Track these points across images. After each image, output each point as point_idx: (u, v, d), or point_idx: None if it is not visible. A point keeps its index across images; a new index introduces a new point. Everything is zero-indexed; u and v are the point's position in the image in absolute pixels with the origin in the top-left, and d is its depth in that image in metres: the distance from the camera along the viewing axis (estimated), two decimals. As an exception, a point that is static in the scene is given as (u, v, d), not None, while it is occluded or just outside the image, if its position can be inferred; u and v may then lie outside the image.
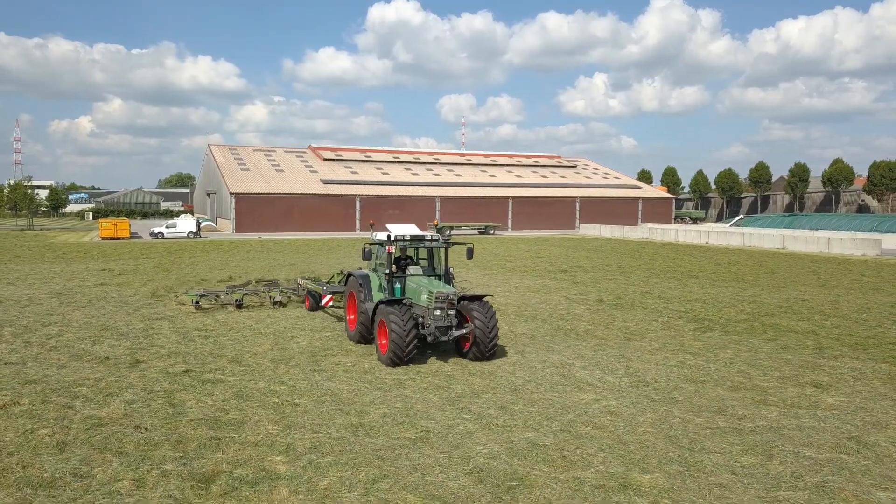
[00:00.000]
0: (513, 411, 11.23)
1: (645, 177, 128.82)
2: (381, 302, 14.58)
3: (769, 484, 8.51)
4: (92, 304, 21.80)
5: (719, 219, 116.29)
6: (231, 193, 69.42)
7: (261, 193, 71.05)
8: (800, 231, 58.92)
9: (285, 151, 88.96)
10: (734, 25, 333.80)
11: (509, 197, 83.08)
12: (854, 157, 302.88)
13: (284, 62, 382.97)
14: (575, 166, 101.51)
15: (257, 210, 70.32)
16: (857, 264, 39.41)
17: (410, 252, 16.82)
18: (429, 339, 14.13)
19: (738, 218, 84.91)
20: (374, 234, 16.51)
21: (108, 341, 16.29)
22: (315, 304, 20.93)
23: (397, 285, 15.65)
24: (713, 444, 9.82)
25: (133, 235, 61.56)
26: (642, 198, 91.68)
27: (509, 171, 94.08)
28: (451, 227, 74.07)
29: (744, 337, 17.61)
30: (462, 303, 14.75)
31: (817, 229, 61.15)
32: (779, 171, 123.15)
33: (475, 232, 73.50)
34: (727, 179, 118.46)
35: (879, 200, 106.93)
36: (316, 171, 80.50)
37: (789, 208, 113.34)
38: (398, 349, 13.63)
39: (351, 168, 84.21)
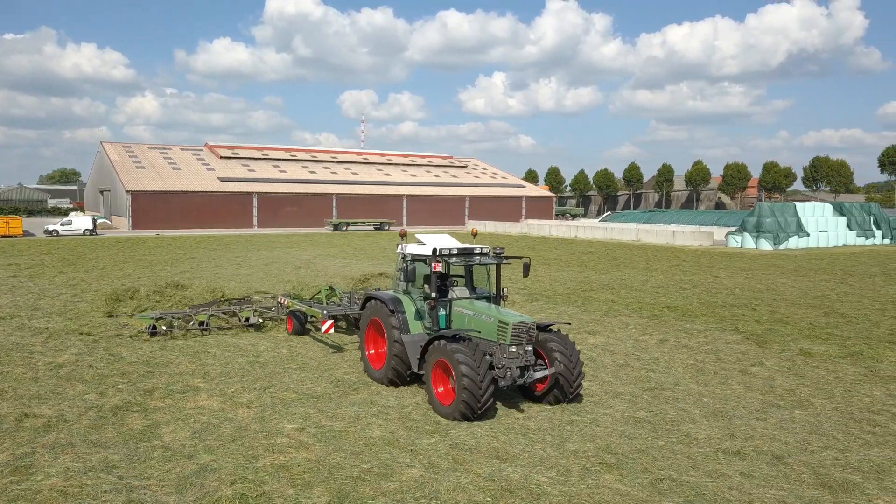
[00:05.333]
0: (368, 351, 15.85)
1: (531, 176, 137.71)
2: (438, 337, 11.72)
3: (520, 381, 13.56)
4: (13, 292, 24.54)
5: (598, 215, 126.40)
6: (127, 191, 70.16)
7: (157, 191, 72.13)
8: (653, 225, 67.22)
9: (181, 149, 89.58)
10: (624, 29, 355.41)
11: (404, 195, 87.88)
12: (735, 157, 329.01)
13: (176, 53, 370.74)
14: (466, 166, 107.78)
15: (154, 207, 71.40)
16: (687, 253, 46.93)
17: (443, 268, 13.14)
18: (501, 383, 11.22)
19: (605, 214, 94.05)
20: (403, 246, 13.59)
21: (42, 318, 19.57)
22: (300, 327, 17.81)
23: (441, 312, 12.69)
24: (497, 364, 14.81)
25: (25, 233, 61.45)
26: (525, 196, 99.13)
27: (404, 171, 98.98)
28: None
29: (559, 305, 23.09)
30: None
31: (670, 224, 69.85)
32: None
33: (371, 228, 77.72)
34: (604, 179, 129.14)
35: (732, 198, 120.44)
36: (213, 169, 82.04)
37: (658, 205, 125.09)
38: (473, 400, 10.72)
39: (248, 166, 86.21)
